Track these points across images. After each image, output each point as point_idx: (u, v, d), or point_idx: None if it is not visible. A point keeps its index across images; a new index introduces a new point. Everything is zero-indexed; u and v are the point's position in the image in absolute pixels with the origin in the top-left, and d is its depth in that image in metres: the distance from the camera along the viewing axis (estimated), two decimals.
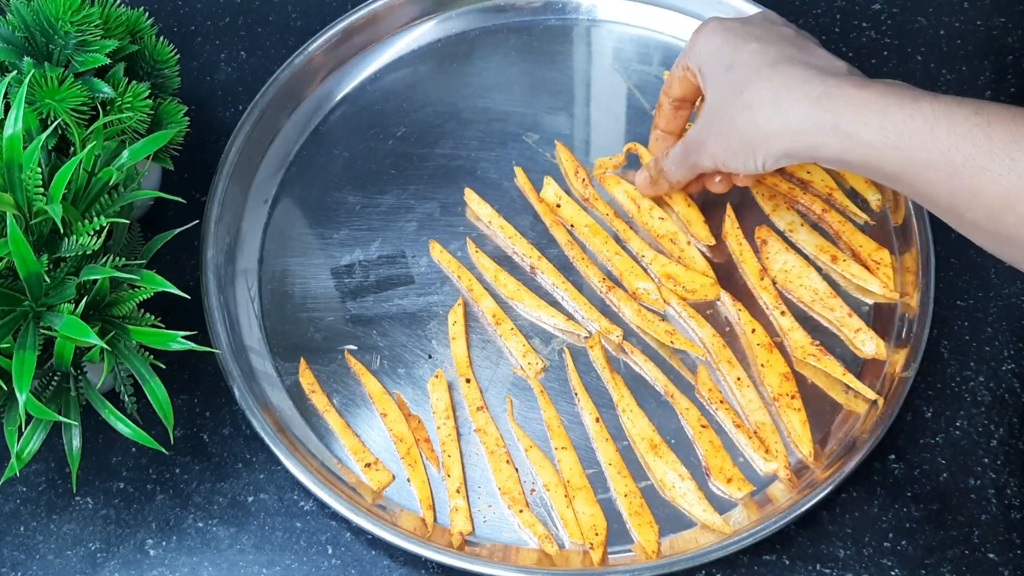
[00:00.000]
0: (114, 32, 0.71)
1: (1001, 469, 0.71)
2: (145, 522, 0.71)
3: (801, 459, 0.71)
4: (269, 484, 0.72)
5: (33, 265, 0.60)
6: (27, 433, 0.64)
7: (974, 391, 0.74)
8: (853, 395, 0.72)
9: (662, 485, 0.70)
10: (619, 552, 0.68)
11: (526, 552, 0.68)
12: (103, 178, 0.64)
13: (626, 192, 0.80)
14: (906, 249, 0.77)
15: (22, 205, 0.61)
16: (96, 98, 0.68)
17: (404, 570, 0.69)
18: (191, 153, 0.78)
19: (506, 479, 0.70)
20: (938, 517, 0.70)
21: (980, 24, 0.88)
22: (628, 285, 0.77)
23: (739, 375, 0.73)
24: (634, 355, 0.74)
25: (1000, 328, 0.76)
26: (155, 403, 0.64)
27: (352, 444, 0.72)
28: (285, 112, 0.84)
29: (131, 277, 0.63)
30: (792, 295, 0.76)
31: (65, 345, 0.61)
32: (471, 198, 0.80)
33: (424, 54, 0.87)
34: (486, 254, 0.78)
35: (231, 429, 0.74)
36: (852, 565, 0.68)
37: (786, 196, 0.80)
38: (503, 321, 0.76)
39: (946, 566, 0.68)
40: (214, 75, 0.87)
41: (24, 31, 0.68)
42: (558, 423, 0.72)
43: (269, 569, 0.69)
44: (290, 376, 0.75)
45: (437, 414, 0.73)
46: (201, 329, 0.73)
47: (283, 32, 0.89)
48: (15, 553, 0.70)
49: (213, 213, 0.78)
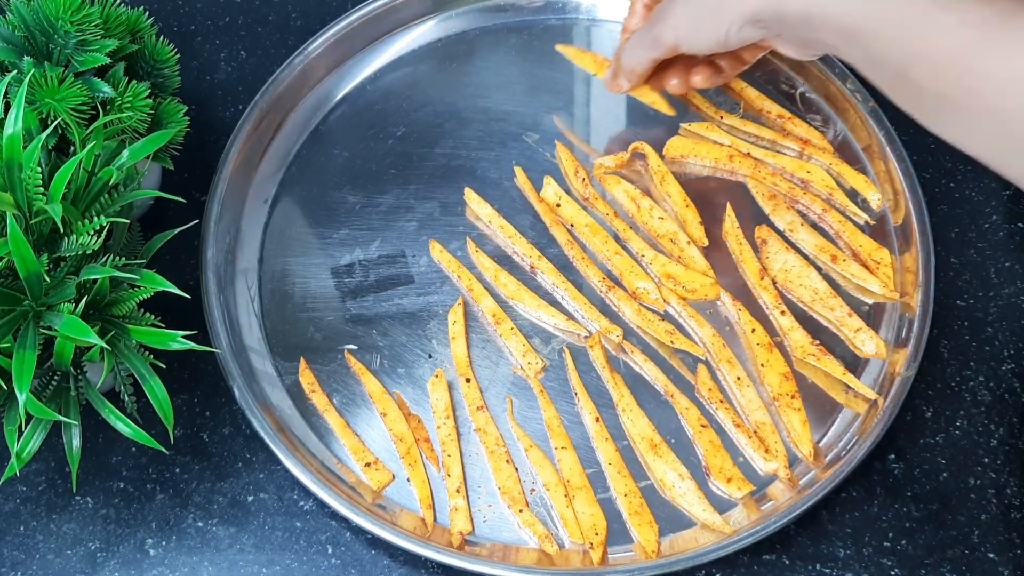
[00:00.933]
0: (114, 32, 0.71)
1: (1001, 469, 0.71)
2: (145, 522, 0.71)
3: (801, 459, 0.71)
4: (269, 484, 0.72)
5: (33, 265, 0.59)
6: (27, 432, 0.64)
7: (974, 391, 0.74)
8: (853, 395, 0.72)
9: (662, 485, 0.70)
10: (619, 552, 0.68)
11: (526, 552, 0.68)
12: (103, 178, 0.64)
13: (626, 192, 0.80)
14: (906, 249, 0.77)
15: (22, 205, 0.61)
16: (96, 98, 0.68)
17: (404, 570, 0.69)
18: (191, 153, 0.78)
19: (506, 479, 0.70)
20: (938, 517, 0.70)
21: None
22: (628, 285, 0.77)
23: (739, 375, 0.73)
24: (634, 355, 0.74)
25: (1000, 328, 0.76)
26: (155, 403, 0.64)
27: (352, 444, 0.72)
28: (285, 112, 0.84)
29: (131, 277, 0.63)
30: (792, 295, 0.76)
31: (65, 345, 0.61)
32: (471, 198, 0.80)
33: (424, 54, 0.87)
34: (486, 254, 0.78)
35: (231, 429, 0.74)
36: (852, 565, 0.68)
37: (786, 196, 0.80)
38: (503, 321, 0.76)
39: (946, 566, 0.68)
40: (214, 75, 0.87)
41: (24, 31, 0.68)
42: (558, 423, 0.72)
43: (269, 569, 0.69)
44: (290, 376, 0.75)
45: (437, 414, 0.73)
46: (201, 329, 0.73)
47: (283, 32, 0.89)
48: (15, 552, 0.70)
49: (213, 213, 0.78)
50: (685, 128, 0.83)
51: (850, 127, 0.82)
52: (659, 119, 0.84)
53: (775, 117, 0.83)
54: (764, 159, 0.81)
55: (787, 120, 0.82)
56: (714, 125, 0.83)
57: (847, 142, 0.82)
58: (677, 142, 0.82)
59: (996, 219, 0.80)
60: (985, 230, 0.79)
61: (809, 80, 0.84)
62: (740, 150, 0.81)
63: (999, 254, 0.78)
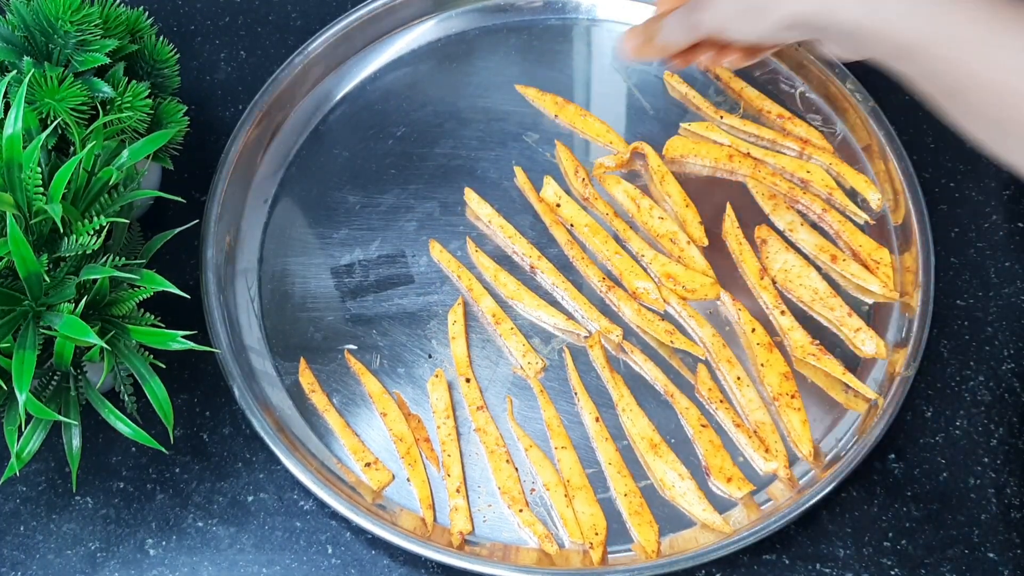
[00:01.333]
0: (114, 32, 0.71)
1: (1001, 468, 0.71)
2: (145, 522, 0.71)
3: (801, 458, 0.71)
4: (269, 484, 0.72)
5: (33, 265, 0.59)
6: (27, 433, 0.64)
7: (974, 390, 0.74)
8: (853, 395, 0.72)
9: (662, 484, 0.70)
10: (619, 552, 0.68)
11: (526, 552, 0.68)
12: (103, 178, 0.64)
13: (626, 192, 0.80)
14: (906, 248, 0.77)
15: (22, 205, 0.61)
16: (96, 98, 0.68)
17: (404, 570, 0.69)
18: (191, 153, 0.78)
19: (506, 479, 0.70)
20: (938, 516, 0.70)
21: None
22: (628, 285, 0.77)
23: (739, 374, 0.73)
24: (634, 355, 0.74)
25: (1000, 327, 0.76)
26: (155, 403, 0.64)
27: (352, 444, 0.72)
28: (285, 112, 0.84)
29: (131, 277, 0.63)
30: (792, 295, 0.76)
31: (65, 345, 0.61)
32: (471, 198, 0.80)
33: (424, 54, 0.87)
34: (486, 254, 0.78)
35: (231, 429, 0.74)
36: (852, 564, 0.68)
37: (786, 195, 0.80)
38: (503, 321, 0.76)
39: (946, 565, 0.68)
40: (214, 75, 0.87)
41: (24, 31, 0.68)
42: (558, 423, 0.72)
43: (269, 569, 0.69)
44: (290, 376, 0.75)
45: (437, 414, 0.73)
46: (201, 329, 0.73)
47: (283, 32, 0.89)
48: (15, 552, 0.70)
49: (213, 213, 0.78)
50: (685, 128, 0.83)
51: (850, 127, 0.82)
52: (659, 119, 0.84)
53: (775, 117, 0.83)
54: (764, 159, 0.81)
55: (787, 120, 0.82)
56: (714, 125, 0.83)
57: (847, 142, 0.82)
58: (677, 142, 0.82)
59: (996, 219, 0.80)
60: (985, 230, 0.79)
61: (809, 80, 0.84)
62: (740, 150, 0.81)
63: (999, 254, 0.78)
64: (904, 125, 0.82)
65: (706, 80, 0.85)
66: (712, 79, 0.85)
